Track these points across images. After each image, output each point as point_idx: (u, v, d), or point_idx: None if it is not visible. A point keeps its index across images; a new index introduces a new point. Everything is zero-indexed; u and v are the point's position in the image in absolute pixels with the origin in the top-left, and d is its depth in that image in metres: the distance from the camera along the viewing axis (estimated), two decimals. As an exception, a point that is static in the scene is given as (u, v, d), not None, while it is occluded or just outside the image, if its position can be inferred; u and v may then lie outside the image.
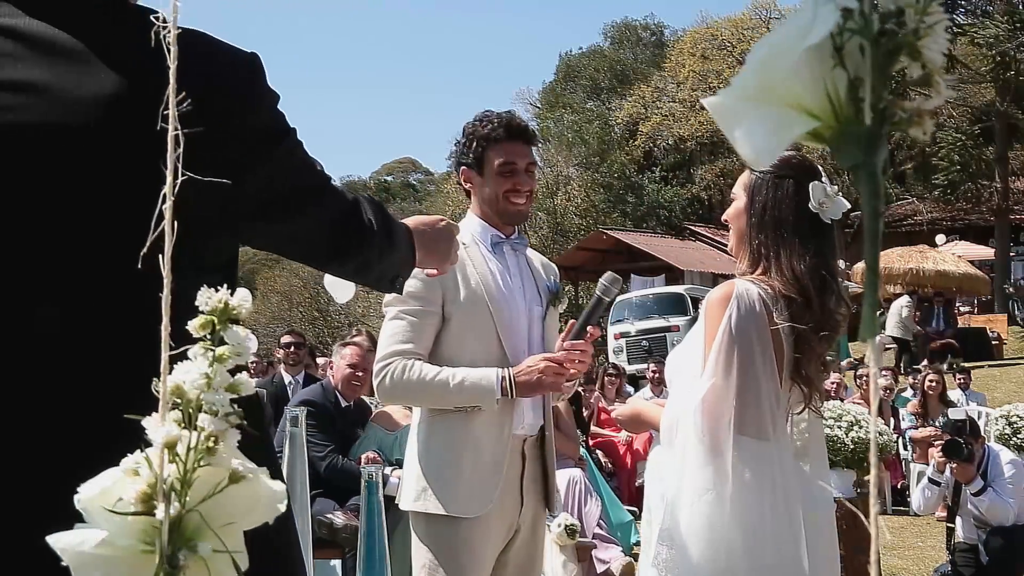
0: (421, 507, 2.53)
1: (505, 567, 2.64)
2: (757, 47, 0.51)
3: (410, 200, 53.03)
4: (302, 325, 28.39)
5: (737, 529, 2.05)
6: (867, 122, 0.42)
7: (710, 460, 2.08)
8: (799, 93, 0.48)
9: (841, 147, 0.45)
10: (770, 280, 2.15)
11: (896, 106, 0.43)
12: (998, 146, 24.72)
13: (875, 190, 0.43)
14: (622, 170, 31.00)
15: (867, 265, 0.42)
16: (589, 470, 6.75)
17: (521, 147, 2.68)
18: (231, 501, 0.54)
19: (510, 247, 2.71)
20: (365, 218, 1.46)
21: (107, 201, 1.15)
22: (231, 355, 0.60)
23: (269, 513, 0.57)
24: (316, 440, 4.63)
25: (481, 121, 2.68)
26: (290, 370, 7.10)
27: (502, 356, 2.57)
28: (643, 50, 38.98)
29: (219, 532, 0.52)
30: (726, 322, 2.09)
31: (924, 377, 9.74)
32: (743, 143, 0.50)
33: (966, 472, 5.47)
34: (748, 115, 0.49)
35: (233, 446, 0.56)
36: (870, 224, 0.42)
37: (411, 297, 2.54)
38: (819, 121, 0.45)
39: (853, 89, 0.44)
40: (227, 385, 0.58)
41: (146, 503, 0.54)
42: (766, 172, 2.21)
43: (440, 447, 2.55)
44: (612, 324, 20.31)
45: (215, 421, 0.57)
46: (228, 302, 0.62)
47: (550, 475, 2.69)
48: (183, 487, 0.52)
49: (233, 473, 0.57)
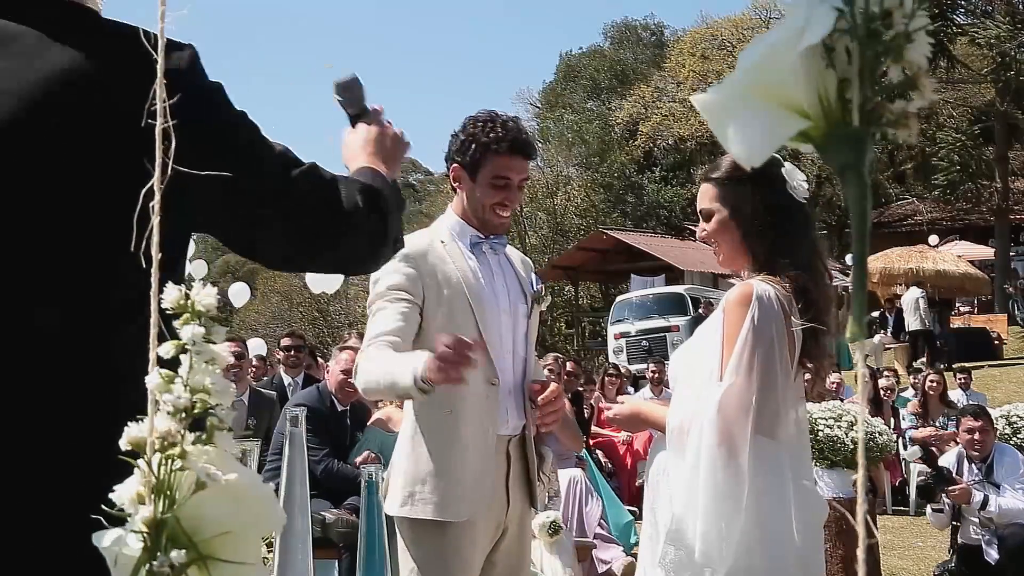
0: (408, 512, 2.52)
1: (494, 567, 2.63)
2: (752, 46, 0.51)
3: (410, 200, 53.05)
4: (302, 325, 28.42)
5: (755, 529, 2.05)
6: (855, 123, 0.42)
7: (728, 460, 2.07)
8: (794, 93, 0.48)
9: (829, 148, 0.45)
10: (779, 279, 2.16)
11: (882, 108, 0.43)
12: (998, 146, 24.71)
13: (863, 191, 0.42)
14: (622, 170, 31.01)
15: (854, 265, 0.42)
16: (589, 470, 6.74)
17: (520, 162, 2.64)
18: (213, 509, 0.53)
19: (489, 247, 2.69)
20: (345, 199, 1.34)
21: (44, 196, 1.12)
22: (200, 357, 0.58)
23: (267, 525, 0.56)
24: (311, 444, 4.63)
25: (485, 125, 2.61)
26: (290, 371, 7.10)
27: (483, 353, 2.54)
28: (643, 50, 38.96)
29: (212, 541, 0.51)
30: (748, 323, 2.09)
31: (924, 377, 9.76)
32: (736, 141, 0.49)
33: (961, 495, 5.42)
34: (741, 113, 0.48)
35: (212, 452, 0.55)
36: (858, 225, 0.42)
37: (392, 291, 2.52)
38: (811, 121, 0.45)
39: (841, 90, 0.44)
40: (197, 386, 0.56)
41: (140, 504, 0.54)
42: (738, 178, 2.22)
43: (426, 451, 2.53)
44: (612, 324, 20.30)
45: (171, 421, 0.56)
46: (193, 300, 0.61)
47: (532, 473, 2.69)
48: (162, 490, 0.51)
49: (197, 480, 0.55)
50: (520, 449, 2.67)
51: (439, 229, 2.70)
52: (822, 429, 5.53)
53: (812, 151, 0.49)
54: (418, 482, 2.52)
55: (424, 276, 2.54)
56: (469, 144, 2.62)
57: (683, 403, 2.22)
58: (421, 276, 2.54)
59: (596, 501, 6.28)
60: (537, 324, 2.79)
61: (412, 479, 2.53)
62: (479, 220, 2.66)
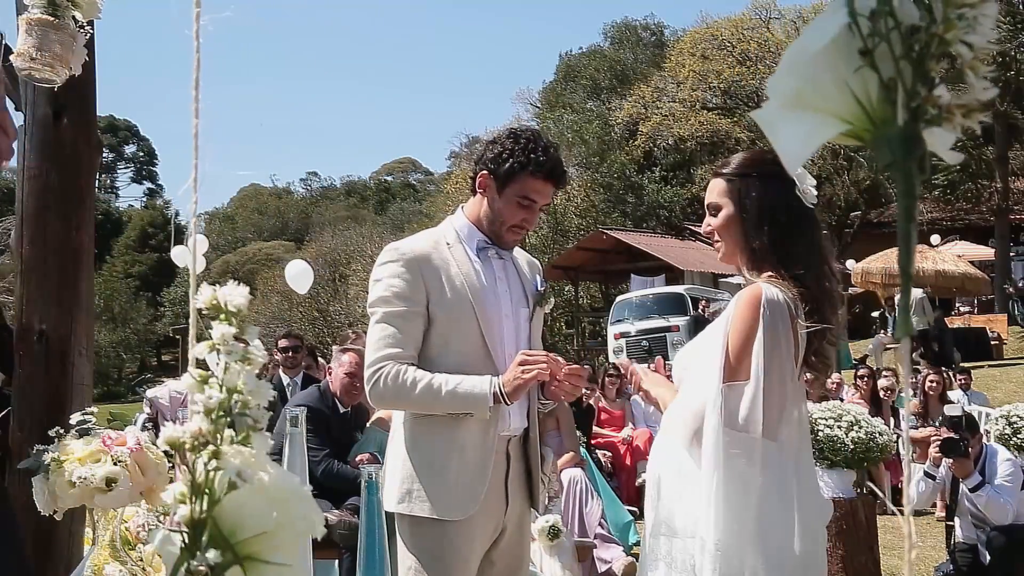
0: (406, 509, 2.53)
1: (492, 566, 2.64)
2: (786, 53, 0.51)
3: (410, 200, 53.03)
4: (302, 325, 28.37)
5: (758, 528, 2.07)
6: (900, 122, 0.42)
7: (735, 461, 2.09)
8: (825, 98, 0.48)
9: (876, 147, 0.45)
10: (782, 280, 2.17)
11: (928, 102, 0.42)
12: (998, 146, 24.70)
13: (909, 190, 0.42)
14: (622, 170, 30.98)
15: (900, 266, 0.42)
16: (589, 470, 6.75)
17: (551, 188, 2.66)
18: (250, 509, 0.52)
19: (495, 252, 2.69)
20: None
21: None
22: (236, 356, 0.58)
23: (304, 526, 0.55)
24: (311, 445, 4.63)
25: (528, 144, 2.61)
26: (288, 372, 7.06)
27: (486, 356, 2.55)
28: (643, 50, 38.94)
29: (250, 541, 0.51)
30: (760, 325, 2.10)
31: (924, 377, 9.74)
32: (779, 150, 0.50)
33: (963, 467, 5.45)
34: (783, 123, 0.49)
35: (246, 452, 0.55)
36: (903, 225, 0.42)
37: (396, 297, 2.53)
38: (849, 125, 0.45)
39: (886, 90, 0.43)
40: (232, 386, 0.56)
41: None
42: (750, 173, 2.23)
43: (426, 449, 2.54)
44: (612, 324, 20.31)
45: (205, 420, 0.56)
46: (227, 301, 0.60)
47: (534, 474, 2.69)
48: (199, 492, 0.51)
49: (229, 480, 0.54)
50: (520, 449, 2.67)
51: (446, 230, 2.70)
52: (822, 429, 5.54)
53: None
54: (416, 479, 2.53)
55: (427, 279, 2.55)
56: (506, 156, 2.61)
57: (689, 399, 2.22)
58: (424, 279, 2.54)
59: (596, 501, 6.29)
60: (541, 325, 2.79)
61: (410, 476, 2.54)
62: (492, 232, 2.66)
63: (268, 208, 57.73)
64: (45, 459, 2.45)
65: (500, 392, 2.46)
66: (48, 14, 2.56)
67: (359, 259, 29.31)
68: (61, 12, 2.58)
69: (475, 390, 2.46)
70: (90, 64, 2.86)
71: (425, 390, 2.46)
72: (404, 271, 2.54)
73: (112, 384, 36.00)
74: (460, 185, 29.30)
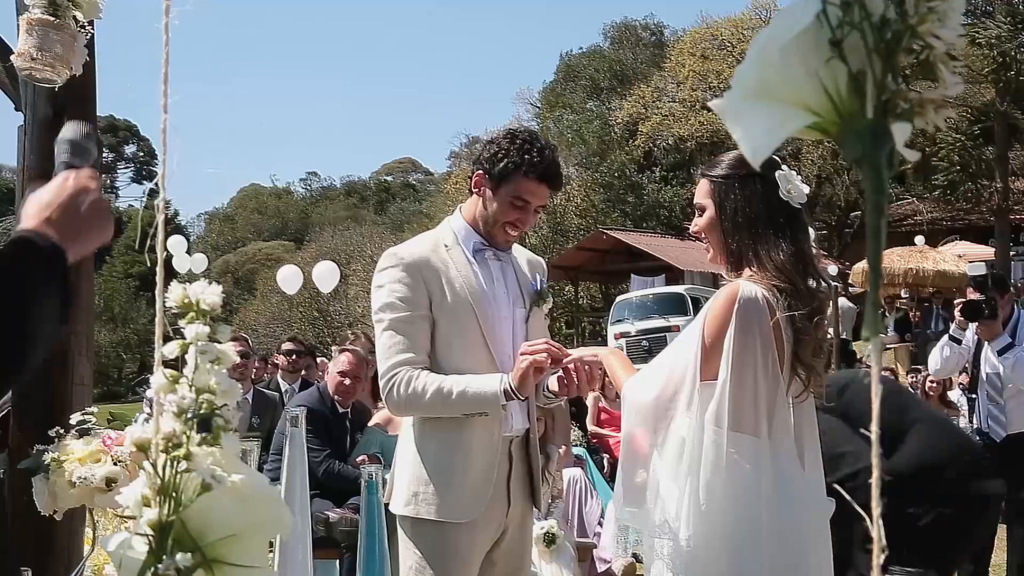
0: (412, 512, 2.55)
1: (494, 566, 2.65)
2: (753, 43, 0.51)
3: (410, 200, 53.01)
4: (302, 325, 28.40)
5: (732, 525, 2.09)
6: (869, 115, 0.42)
7: (706, 456, 2.11)
8: (793, 89, 0.47)
9: (845, 141, 0.44)
10: (759, 278, 2.17)
11: (898, 97, 0.42)
12: (998, 146, 24.66)
13: (878, 184, 0.42)
14: (622, 170, 30.95)
15: (869, 262, 0.41)
16: (589, 470, 6.74)
17: (545, 191, 2.66)
18: (219, 511, 0.51)
19: (492, 253, 2.70)
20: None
21: None
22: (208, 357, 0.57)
23: (274, 528, 0.55)
24: (311, 445, 4.64)
25: (524, 145, 2.60)
26: (288, 377, 7.03)
27: (489, 358, 2.57)
28: (643, 50, 38.89)
29: (219, 544, 0.50)
30: (732, 323, 2.11)
31: (925, 377, 9.72)
32: (742, 142, 0.50)
33: (990, 330, 4.94)
34: (747, 114, 0.48)
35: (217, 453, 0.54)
36: (872, 220, 0.41)
37: (400, 302, 2.55)
38: (818, 117, 0.45)
39: (855, 82, 0.43)
40: (203, 386, 0.55)
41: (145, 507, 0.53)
42: (730, 175, 2.24)
43: (433, 453, 2.56)
44: (612, 324, 20.28)
45: (176, 422, 0.55)
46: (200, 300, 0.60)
47: (536, 474, 2.70)
48: (167, 493, 0.50)
49: (203, 482, 0.53)
50: (523, 450, 2.68)
51: (443, 232, 2.71)
52: (822, 429, 5.49)
53: (812, 152, 0.49)
54: (423, 483, 2.55)
55: (428, 283, 2.57)
56: (501, 156, 2.61)
57: (655, 378, 2.24)
58: (425, 283, 2.56)
59: (596, 501, 6.29)
60: (541, 325, 2.79)
61: (417, 479, 2.56)
62: (487, 232, 2.67)
63: (268, 208, 57.73)
64: (45, 459, 2.45)
65: (510, 387, 2.47)
66: (49, 14, 2.57)
67: (359, 259, 29.30)
68: (62, 12, 2.59)
69: (486, 389, 2.47)
70: (90, 64, 2.86)
71: (436, 394, 2.48)
72: (405, 275, 2.57)
73: (112, 384, 35.98)
74: (460, 185, 29.30)
